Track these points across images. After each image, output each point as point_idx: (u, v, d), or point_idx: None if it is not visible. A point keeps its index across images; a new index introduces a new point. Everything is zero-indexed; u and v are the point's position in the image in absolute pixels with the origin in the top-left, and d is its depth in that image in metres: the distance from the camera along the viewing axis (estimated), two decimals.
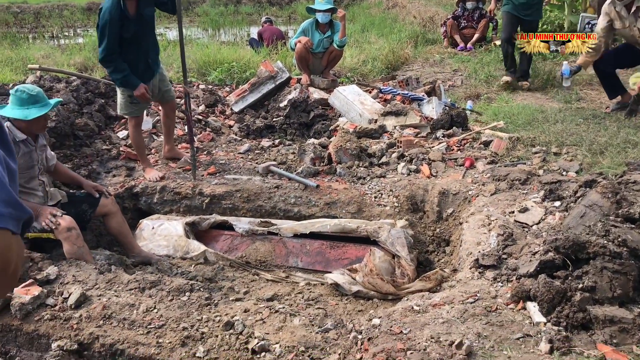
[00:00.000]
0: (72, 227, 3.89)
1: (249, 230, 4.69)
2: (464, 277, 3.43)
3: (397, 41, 11.31)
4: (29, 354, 3.34)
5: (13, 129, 3.90)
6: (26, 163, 3.97)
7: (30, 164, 4.01)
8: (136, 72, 4.99)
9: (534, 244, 3.45)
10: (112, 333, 3.16)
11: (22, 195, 3.94)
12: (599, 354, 2.44)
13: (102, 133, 6.41)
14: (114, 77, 4.98)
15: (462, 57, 10.45)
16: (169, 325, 3.15)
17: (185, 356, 2.98)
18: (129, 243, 4.51)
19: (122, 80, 4.95)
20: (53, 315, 3.30)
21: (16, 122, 3.91)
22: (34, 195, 4.04)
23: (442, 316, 2.86)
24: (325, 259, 4.49)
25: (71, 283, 3.52)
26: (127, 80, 4.94)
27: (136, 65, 4.99)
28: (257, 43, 11.54)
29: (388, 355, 2.59)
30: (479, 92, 8.15)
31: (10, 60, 10.11)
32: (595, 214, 3.37)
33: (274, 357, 2.85)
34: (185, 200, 5.12)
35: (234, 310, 3.26)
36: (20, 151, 3.89)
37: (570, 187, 4.09)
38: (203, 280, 4.03)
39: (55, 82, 7.18)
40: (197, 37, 15.56)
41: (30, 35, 16.31)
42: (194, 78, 9.35)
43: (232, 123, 7.26)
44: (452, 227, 4.52)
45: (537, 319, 2.75)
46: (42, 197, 4.09)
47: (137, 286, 3.51)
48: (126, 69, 4.88)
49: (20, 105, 3.87)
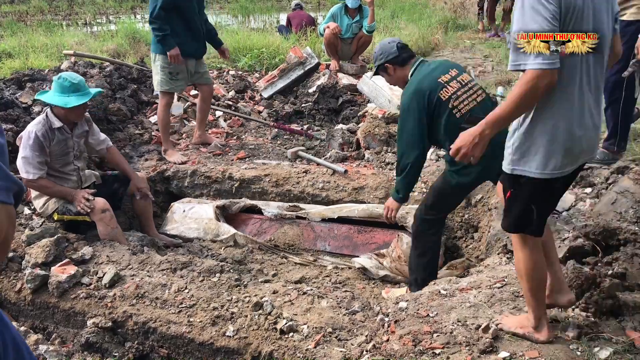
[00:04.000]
0: (106, 209, 4.00)
1: (277, 215, 4.74)
2: (491, 263, 3.43)
3: (427, 27, 11.18)
4: (66, 330, 3.46)
5: (50, 116, 3.98)
6: (61, 150, 4.05)
7: (65, 150, 4.09)
8: (193, 42, 5.25)
9: (563, 230, 3.43)
10: (144, 312, 3.26)
11: (57, 180, 4.04)
12: (627, 340, 2.43)
13: (135, 118, 6.51)
14: (156, 34, 5.13)
15: (493, 43, 10.30)
16: (200, 305, 3.23)
17: (216, 335, 3.06)
18: (149, 226, 4.63)
19: (160, 38, 5.09)
20: (88, 293, 3.40)
21: (55, 109, 3.98)
22: (68, 180, 4.14)
23: (469, 300, 2.87)
24: (352, 243, 4.53)
25: (105, 263, 3.62)
26: (165, 39, 5.09)
27: (194, 35, 5.24)
28: (286, 30, 11.52)
29: (414, 338, 2.61)
30: (510, 78, 8.04)
31: (45, 47, 10.29)
32: (627, 201, 3.33)
33: (302, 338, 2.91)
34: (215, 184, 5.19)
35: (262, 292, 3.32)
36: (55, 138, 3.97)
37: (602, 173, 4.03)
38: (233, 262, 4.11)
39: (89, 68, 7.32)
40: (227, 23, 15.61)
41: (64, 22, 16.54)
42: (224, 64, 9.42)
43: (262, 109, 7.30)
44: (481, 214, 4.50)
45: None
46: (76, 181, 4.19)
47: (169, 267, 3.60)
48: (168, 30, 5.05)
49: (61, 92, 3.92)
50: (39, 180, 3.89)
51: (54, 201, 4.07)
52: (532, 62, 2.10)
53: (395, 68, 3.51)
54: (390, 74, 3.56)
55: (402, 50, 3.49)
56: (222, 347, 3.03)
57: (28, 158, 3.85)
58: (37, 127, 3.89)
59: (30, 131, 3.89)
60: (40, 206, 4.11)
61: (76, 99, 3.92)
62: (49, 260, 3.56)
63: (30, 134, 3.87)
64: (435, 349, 2.51)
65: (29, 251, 3.62)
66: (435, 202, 3.48)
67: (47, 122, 3.95)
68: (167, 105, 5.48)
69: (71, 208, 4.03)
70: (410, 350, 2.55)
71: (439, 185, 3.48)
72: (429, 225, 3.50)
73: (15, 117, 5.22)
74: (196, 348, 3.11)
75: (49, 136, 3.92)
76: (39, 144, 3.86)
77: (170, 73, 5.25)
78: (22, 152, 3.90)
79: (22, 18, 17.02)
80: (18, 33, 12.15)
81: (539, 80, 2.08)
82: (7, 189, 1.05)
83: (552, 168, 2.22)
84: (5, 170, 1.06)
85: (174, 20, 5.08)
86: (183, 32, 5.16)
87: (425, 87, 3.28)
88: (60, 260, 3.58)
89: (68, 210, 4.04)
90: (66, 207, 4.04)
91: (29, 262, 3.56)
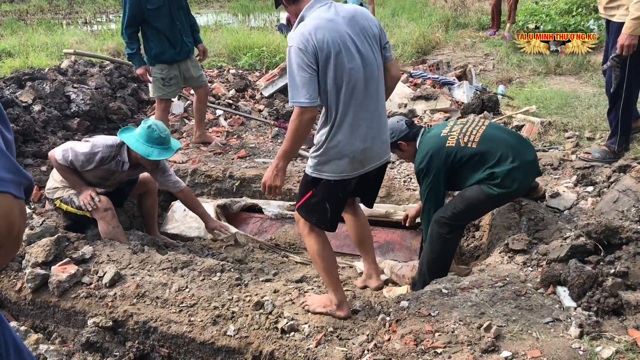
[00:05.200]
0: (109, 208, 4.00)
1: (278, 214, 4.73)
2: (493, 262, 3.42)
3: (427, 25, 11.18)
4: (66, 329, 3.46)
5: (124, 150, 3.96)
6: (105, 176, 4.07)
7: (107, 177, 4.09)
8: (170, 48, 5.12)
9: (565, 228, 3.42)
10: (145, 311, 3.25)
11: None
12: (630, 340, 2.42)
13: (135, 117, 6.51)
14: (126, 51, 5.23)
15: (493, 41, 10.29)
16: (201, 304, 3.22)
17: (217, 334, 3.05)
18: (152, 226, 4.62)
19: (130, 56, 5.18)
20: (89, 293, 3.40)
21: (133, 152, 3.93)
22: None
23: (470, 299, 2.87)
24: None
25: (106, 262, 3.62)
26: (133, 58, 5.16)
27: (170, 41, 5.12)
28: (287, 28, 11.51)
29: (416, 337, 2.61)
30: (511, 76, 8.03)
31: (45, 46, 10.29)
32: (629, 199, 3.32)
33: (303, 337, 2.90)
34: (215, 183, 5.19)
35: (263, 291, 3.31)
36: (105, 165, 3.96)
37: (604, 172, 4.02)
38: (233, 262, 4.09)
39: (89, 67, 7.32)
40: (227, 22, 15.61)
41: (64, 21, 16.53)
42: (225, 63, 9.40)
43: (262, 107, 7.29)
44: None
45: (567, 304, 2.73)
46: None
47: (169, 266, 3.59)
48: (135, 48, 5.09)
49: (146, 140, 3.86)
50: (61, 165, 3.89)
51: (63, 189, 4.08)
52: (299, 100, 2.60)
53: (407, 144, 3.69)
54: (404, 150, 3.75)
55: (411, 126, 3.72)
56: (223, 346, 3.03)
57: (70, 152, 3.85)
58: (105, 149, 3.90)
59: (96, 145, 3.89)
60: (50, 187, 4.14)
61: (159, 153, 3.88)
62: (49, 259, 3.55)
63: (95, 147, 3.88)
64: (437, 348, 2.51)
65: (29, 250, 3.61)
66: (465, 210, 3.47)
67: (117, 151, 3.95)
68: (164, 110, 5.48)
69: (75, 201, 4.04)
70: (412, 350, 2.54)
71: (472, 195, 3.45)
72: (450, 230, 3.49)
73: (15, 116, 5.22)
74: (197, 347, 3.10)
75: (104, 161, 3.92)
76: (89, 159, 3.87)
77: (162, 79, 5.23)
78: (76, 143, 3.94)
79: (22, 17, 17.02)
80: (18, 32, 12.16)
81: (302, 115, 2.62)
82: (18, 183, 1.04)
83: (341, 172, 2.79)
84: (16, 164, 1.05)
85: (147, 31, 5.07)
86: (159, 41, 5.10)
87: (434, 146, 3.50)
88: (60, 260, 3.57)
89: (72, 201, 4.05)
90: (71, 198, 4.05)
91: (29, 262, 3.55)
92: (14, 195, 1.02)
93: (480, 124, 3.58)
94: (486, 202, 3.46)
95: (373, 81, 2.76)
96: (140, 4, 4.87)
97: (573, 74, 7.87)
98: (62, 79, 6.44)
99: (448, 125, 3.64)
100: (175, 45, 5.16)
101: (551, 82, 7.54)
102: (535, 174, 3.57)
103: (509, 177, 3.32)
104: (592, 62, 7.93)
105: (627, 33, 3.94)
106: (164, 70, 5.16)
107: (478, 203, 3.45)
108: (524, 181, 3.43)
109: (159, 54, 5.10)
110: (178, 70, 5.27)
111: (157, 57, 5.11)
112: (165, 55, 5.13)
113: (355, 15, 2.75)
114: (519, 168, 3.32)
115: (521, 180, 3.38)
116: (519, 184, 3.37)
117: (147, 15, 4.95)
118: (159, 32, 5.03)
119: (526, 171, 3.39)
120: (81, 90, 6.19)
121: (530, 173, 3.48)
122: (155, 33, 5.04)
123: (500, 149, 3.37)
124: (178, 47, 5.18)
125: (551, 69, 7.93)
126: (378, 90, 2.81)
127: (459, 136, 3.47)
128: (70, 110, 5.99)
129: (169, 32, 5.07)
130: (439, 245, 3.52)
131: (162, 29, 5.03)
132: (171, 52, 5.16)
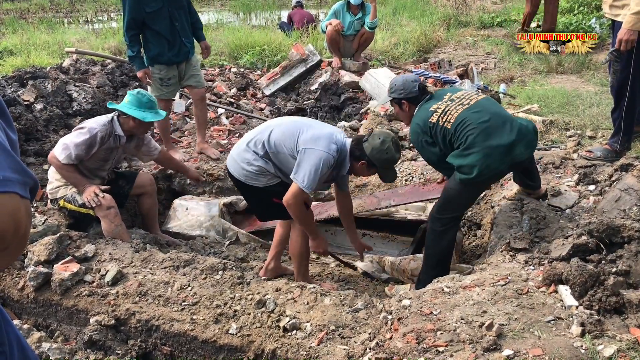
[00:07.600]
0: (111, 206, 4.02)
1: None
2: (495, 260, 3.42)
3: (429, 24, 11.17)
4: (69, 327, 3.46)
5: (116, 124, 4.12)
6: (104, 156, 4.18)
7: (106, 157, 4.21)
8: (169, 50, 5.11)
9: (567, 227, 3.42)
10: (147, 309, 3.26)
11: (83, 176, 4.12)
12: (631, 338, 2.42)
13: None
14: (127, 53, 5.29)
15: (495, 40, 10.28)
16: (203, 302, 3.23)
17: (219, 333, 3.06)
18: (152, 225, 4.66)
19: (131, 58, 5.22)
20: (91, 291, 3.40)
21: (122, 118, 4.13)
22: (93, 180, 4.18)
23: (472, 298, 2.87)
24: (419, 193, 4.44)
25: (108, 261, 3.62)
26: (134, 60, 5.18)
27: (169, 43, 5.10)
28: (288, 26, 11.51)
29: (418, 335, 2.61)
30: (513, 75, 8.02)
31: (47, 44, 10.30)
32: (631, 198, 3.32)
33: (305, 335, 2.90)
34: (217, 181, 5.19)
35: (265, 289, 3.31)
36: (106, 144, 4.08)
37: (606, 171, 4.02)
38: (235, 260, 4.10)
39: (90, 65, 7.32)
40: (229, 20, 15.60)
41: (65, 19, 16.53)
42: (226, 61, 9.41)
43: (264, 106, 7.30)
44: (484, 211, 4.49)
45: (568, 302, 2.73)
46: (99, 183, 4.21)
47: (171, 264, 3.60)
48: (136, 50, 5.09)
49: (138, 106, 4.09)
50: (65, 165, 3.97)
51: (65, 188, 4.12)
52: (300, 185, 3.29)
53: (409, 105, 3.69)
54: (404, 110, 3.74)
55: (422, 91, 3.67)
56: (225, 344, 3.03)
57: (71, 146, 3.94)
58: (102, 127, 4.04)
59: (93, 127, 4.02)
60: (52, 188, 4.18)
61: (152, 115, 4.15)
62: (52, 258, 3.56)
63: (92, 130, 4.01)
64: (439, 347, 2.51)
65: (31, 249, 3.62)
66: (446, 201, 3.50)
67: (111, 127, 4.10)
68: (164, 109, 5.44)
69: (78, 199, 4.07)
70: (414, 348, 2.54)
71: (449, 184, 3.52)
72: (441, 224, 3.50)
73: (17, 114, 5.22)
74: (199, 346, 3.10)
75: (104, 140, 4.05)
76: (92, 143, 3.99)
77: (161, 79, 5.21)
78: (70, 137, 4.03)
79: (24, 15, 17.01)
80: (19, 30, 12.16)
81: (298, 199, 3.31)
82: (24, 183, 1.05)
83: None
84: (22, 164, 1.06)
85: (147, 33, 5.06)
86: (158, 43, 5.08)
87: (419, 122, 3.53)
88: (62, 258, 3.58)
89: (75, 200, 4.08)
90: (74, 197, 4.08)
91: (32, 260, 3.56)
92: (20, 195, 1.02)
93: (466, 102, 3.45)
94: (461, 190, 3.42)
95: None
96: (139, 7, 4.86)
97: (575, 72, 7.87)
98: (64, 78, 6.45)
99: (445, 97, 3.56)
100: (174, 47, 5.14)
101: (553, 81, 7.53)
102: (509, 160, 3.32)
103: (467, 163, 3.28)
104: (594, 60, 7.93)
105: (626, 27, 3.93)
106: (162, 71, 5.15)
107: (452, 192, 3.46)
108: (488, 167, 3.29)
109: (158, 56, 5.09)
110: (177, 71, 5.27)
111: (155, 59, 5.10)
112: (163, 57, 5.12)
113: None
114: (478, 153, 3.24)
115: (482, 167, 3.26)
116: (479, 170, 3.26)
117: (146, 17, 4.94)
118: (158, 34, 5.01)
119: (490, 156, 3.26)
120: (83, 89, 6.20)
121: (496, 159, 3.29)
122: (154, 35, 5.03)
123: (467, 132, 3.31)
124: (177, 49, 5.16)
125: (553, 67, 7.93)
126: None
127: (441, 114, 3.44)
128: (72, 109, 6.00)
129: (168, 34, 5.04)
130: (435, 240, 3.55)
131: (161, 31, 5.00)
132: (170, 54, 5.14)
